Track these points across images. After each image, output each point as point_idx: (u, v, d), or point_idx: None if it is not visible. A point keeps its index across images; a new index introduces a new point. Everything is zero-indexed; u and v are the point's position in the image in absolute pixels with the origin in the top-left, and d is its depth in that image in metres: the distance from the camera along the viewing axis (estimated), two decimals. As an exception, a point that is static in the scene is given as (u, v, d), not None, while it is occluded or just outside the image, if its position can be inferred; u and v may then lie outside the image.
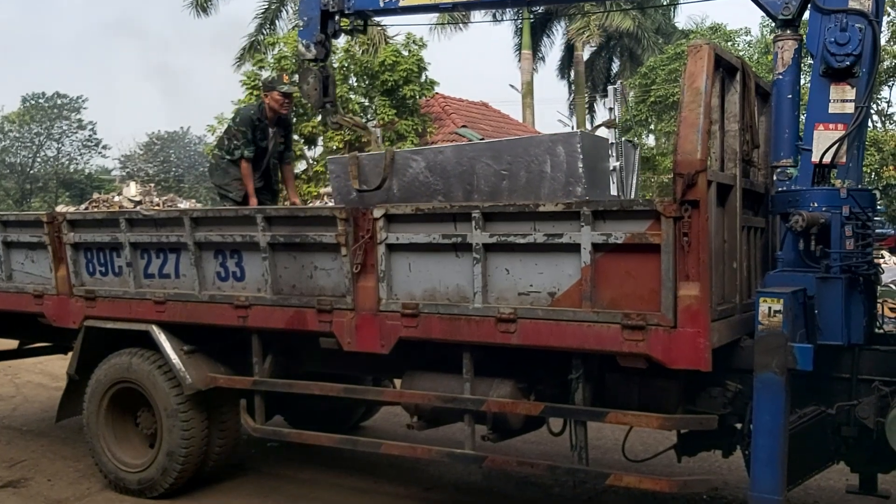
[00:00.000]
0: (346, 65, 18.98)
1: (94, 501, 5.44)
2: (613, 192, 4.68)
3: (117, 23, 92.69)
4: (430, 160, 4.87)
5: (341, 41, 17.65)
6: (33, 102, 47.27)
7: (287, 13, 22.28)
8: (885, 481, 4.40)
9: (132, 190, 17.76)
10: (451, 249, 4.24)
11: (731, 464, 4.96)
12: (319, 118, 18.61)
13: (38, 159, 47.04)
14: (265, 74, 19.65)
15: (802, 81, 4.46)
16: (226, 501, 5.36)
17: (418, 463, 5.90)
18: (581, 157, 4.48)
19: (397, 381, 5.13)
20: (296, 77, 6.87)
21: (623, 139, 5.27)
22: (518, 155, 4.69)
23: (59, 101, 47.65)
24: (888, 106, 23.30)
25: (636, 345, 3.75)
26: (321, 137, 18.77)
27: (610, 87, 5.44)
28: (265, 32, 21.92)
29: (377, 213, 4.39)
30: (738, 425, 4.10)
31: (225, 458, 5.52)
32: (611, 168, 4.77)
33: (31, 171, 45.92)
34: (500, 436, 4.52)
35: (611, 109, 5.00)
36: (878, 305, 4.32)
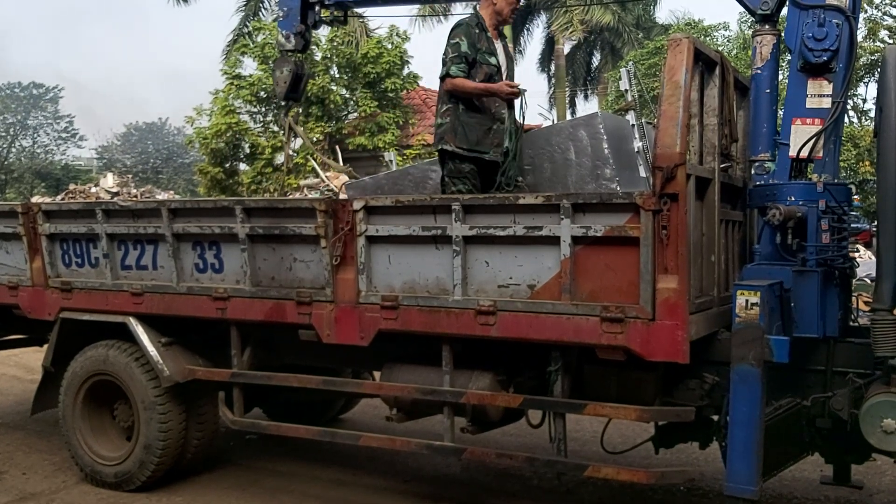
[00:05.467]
0: (328, 55, 18.90)
1: (70, 495, 5.39)
2: (643, 173, 4.66)
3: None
4: None
5: (325, 31, 17.58)
6: (8, 92, 46.67)
7: (269, 2, 22.14)
8: (858, 472, 4.47)
9: (109, 181, 17.52)
10: (430, 242, 4.23)
11: (708, 455, 5.00)
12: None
13: (14, 150, 46.47)
14: (248, 62, 19.53)
15: (781, 76, 4.49)
16: (204, 494, 5.34)
17: (397, 455, 5.90)
18: (605, 137, 4.45)
19: (377, 374, 5.13)
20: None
21: (643, 120, 5.22)
22: (540, 147, 4.66)
23: (35, 91, 47.08)
24: (863, 102, 23.51)
25: (615, 337, 3.77)
26: (302, 128, 18.69)
27: (623, 70, 5.36)
28: (248, 25, 21.76)
29: (357, 205, 4.38)
30: (715, 417, 4.14)
31: (203, 451, 5.49)
32: (636, 149, 4.74)
33: (7, 162, 45.33)
34: (480, 428, 4.53)
35: (626, 91, 4.96)
36: (853, 299, 4.37)
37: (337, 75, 19.53)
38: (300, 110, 18.35)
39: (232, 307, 4.85)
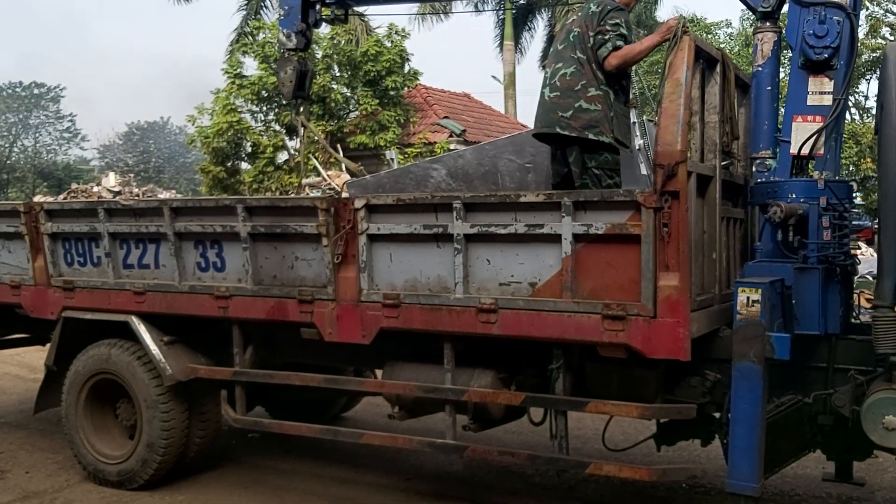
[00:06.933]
0: (329, 54, 18.89)
1: (73, 493, 5.40)
2: (644, 171, 4.66)
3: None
4: (451, 166, 4.85)
5: (325, 30, 17.56)
6: (10, 91, 46.68)
7: (270, 2, 22.11)
8: (859, 469, 4.47)
9: (111, 180, 17.54)
10: (432, 240, 4.24)
11: (710, 453, 5.01)
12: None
13: (15, 149, 46.49)
14: (248, 61, 19.52)
15: (782, 74, 4.49)
16: (206, 493, 5.34)
17: (399, 453, 5.90)
18: None
19: (378, 372, 5.14)
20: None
21: (645, 118, 5.20)
22: (541, 145, 4.66)
23: (36, 91, 47.11)
24: (865, 99, 23.51)
25: (616, 335, 3.77)
26: (302, 127, 18.66)
27: None
28: (248, 24, 21.75)
29: (358, 203, 4.38)
30: (717, 414, 4.14)
31: (205, 450, 5.50)
32: (636, 147, 4.74)
33: (8, 162, 45.34)
34: (481, 426, 4.53)
35: None
36: (855, 296, 4.37)
37: (338, 74, 19.52)
38: (309, 108, 18.31)
39: (234, 306, 4.86)
